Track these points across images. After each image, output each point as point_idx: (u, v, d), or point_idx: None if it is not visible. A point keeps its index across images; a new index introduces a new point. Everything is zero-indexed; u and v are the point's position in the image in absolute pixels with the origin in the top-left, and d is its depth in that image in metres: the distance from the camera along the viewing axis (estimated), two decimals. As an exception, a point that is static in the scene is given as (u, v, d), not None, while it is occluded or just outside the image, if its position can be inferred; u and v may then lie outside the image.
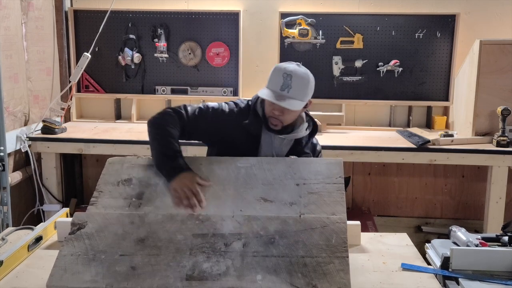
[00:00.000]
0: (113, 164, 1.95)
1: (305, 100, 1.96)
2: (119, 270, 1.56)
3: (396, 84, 3.83)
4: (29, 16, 3.43)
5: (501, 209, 3.22)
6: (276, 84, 1.92)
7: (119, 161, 1.96)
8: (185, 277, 1.53)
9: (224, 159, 1.91)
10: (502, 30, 3.72)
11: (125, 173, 1.90)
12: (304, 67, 1.98)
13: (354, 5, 3.82)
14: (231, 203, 1.75)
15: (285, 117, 1.96)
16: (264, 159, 1.92)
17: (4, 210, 2.97)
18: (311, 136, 2.13)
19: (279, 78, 1.91)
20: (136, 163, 1.94)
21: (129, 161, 1.95)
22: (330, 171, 1.84)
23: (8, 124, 3.13)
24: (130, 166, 1.93)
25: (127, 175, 1.89)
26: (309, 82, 1.95)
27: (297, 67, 1.95)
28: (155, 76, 3.95)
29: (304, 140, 2.10)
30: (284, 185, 1.80)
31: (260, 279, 1.51)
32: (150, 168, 1.89)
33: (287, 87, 1.90)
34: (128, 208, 1.75)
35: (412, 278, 1.69)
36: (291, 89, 1.90)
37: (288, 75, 1.91)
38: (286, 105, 1.89)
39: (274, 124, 1.98)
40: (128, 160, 1.96)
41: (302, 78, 1.93)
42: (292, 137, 2.05)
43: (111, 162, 1.96)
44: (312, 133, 2.12)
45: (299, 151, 2.06)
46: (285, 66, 1.94)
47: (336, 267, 1.53)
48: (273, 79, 1.94)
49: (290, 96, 1.90)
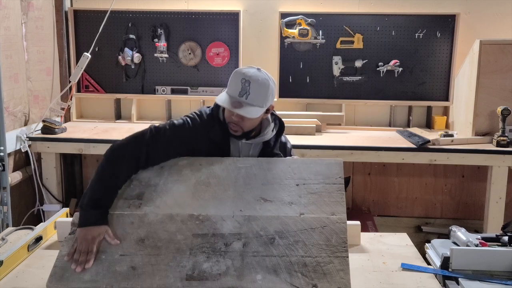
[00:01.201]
0: None
1: (265, 106, 1.88)
2: (119, 270, 1.56)
3: (396, 84, 3.83)
4: (29, 16, 3.43)
5: (501, 209, 3.22)
6: (234, 90, 1.85)
7: None
8: (185, 277, 1.53)
9: (224, 160, 1.91)
10: (502, 30, 3.72)
11: None
12: (265, 71, 1.91)
13: (354, 5, 3.82)
14: (231, 203, 1.75)
15: (244, 123, 1.89)
16: (264, 159, 1.92)
17: (4, 210, 2.97)
18: (278, 135, 2.06)
19: (238, 84, 1.84)
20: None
21: None
22: (330, 172, 1.83)
23: (8, 124, 3.13)
24: None
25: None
26: (268, 88, 1.87)
27: (257, 72, 1.88)
28: (155, 76, 3.95)
29: (272, 141, 2.03)
30: (284, 185, 1.80)
31: (260, 279, 1.52)
32: (150, 169, 1.89)
33: (245, 93, 1.83)
34: (128, 209, 1.75)
35: (412, 278, 1.69)
36: (249, 95, 1.83)
37: (246, 81, 1.84)
38: (242, 113, 1.83)
39: (234, 130, 1.91)
40: None
41: (262, 84, 1.85)
42: (258, 141, 1.99)
43: None
44: (279, 132, 2.05)
45: (269, 153, 2.01)
46: (244, 71, 1.87)
47: (336, 267, 1.54)
48: (232, 84, 1.87)
49: (248, 103, 1.83)
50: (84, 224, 1.69)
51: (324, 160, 1.91)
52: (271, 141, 2.02)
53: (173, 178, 1.84)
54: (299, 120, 3.57)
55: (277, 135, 2.04)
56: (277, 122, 2.04)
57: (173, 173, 1.86)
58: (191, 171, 1.86)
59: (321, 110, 3.81)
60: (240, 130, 1.91)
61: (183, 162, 1.90)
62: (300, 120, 3.58)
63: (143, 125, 4.18)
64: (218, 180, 1.83)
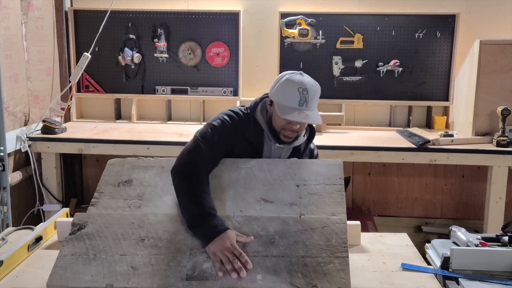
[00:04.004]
0: (113, 165, 1.96)
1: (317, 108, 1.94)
2: (119, 270, 1.56)
3: (396, 84, 3.83)
4: (29, 16, 3.43)
5: (501, 209, 3.22)
6: (293, 100, 1.85)
7: (120, 162, 1.96)
8: (185, 277, 1.53)
9: (225, 160, 1.91)
10: (502, 30, 3.72)
11: (126, 174, 1.91)
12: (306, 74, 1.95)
13: (354, 5, 3.82)
14: (231, 204, 1.75)
15: (301, 130, 1.93)
16: (264, 161, 1.92)
17: (4, 210, 2.97)
18: (309, 141, 2.08)
19: (295, 93, 1.85)
20: (136, 165, 1.95)
21: (130, 162, 1.96)
22: (330, 172, 1.84)
23: (8, 124, 3.13)
24: (131, 167, 1.94)
25: (128, 176, 1.90)
26: (319, 91, 1.93)
27: (307, 78, 1.91)
28: (155, 76, 3.95)
29: (302, 147, 2.05)
30: (284, 186, 1.80)
31: (260, 279, 1.52)
32: (150, 170, 1.90)
33: (305, 101, 1.85)
34: (128, 209, 1.76)
35: (412, 278, 1.69)
36: (308, 102, 1.86)
37: (304, 90, 1.86)
38: (312, 121, 1.88)
39: (289, 137, 1.92)
40: (128, 162, 1.96)
41: (315, 90, 1.90)
42: (291, 146, 2.00)
43: (111, 163, 1.97)
44: (310, 138, 2.08)
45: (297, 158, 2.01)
46: (297, 79, 1.88)
47: (336, 267, 1.54)
48: (288, 94, 1.87)
49: (309, 109, 1.87)
50: (211, 238, 1.61)
51: (324, 161, 1.92)
52: (301, 147, 2.03)
53: None
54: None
55: (308, 141, 2.06)
56: (307, 129, 2.05)
57: None
58: None
59: (321, 110, 3.71)
60: (294, 136, 1.93)
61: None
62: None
63: (143, 125, 4.18)
64: (218, 181, 1.83)
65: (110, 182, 1.88)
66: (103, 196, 1.83)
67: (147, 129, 3.69)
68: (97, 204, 1.80)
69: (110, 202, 1.80)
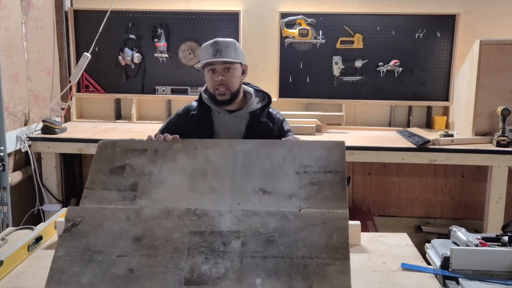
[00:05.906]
0: (105, 148, 1.86)
1: (239, 60, 2.06)
2: (117, 272, 1.53)
3: (396, 84, 3.83)
4: (29, 16, 3.43)
5: (501, 209, 3.22)
6: (207, 54, 2.03)
7: (111, 144, 1.87)
8: (184, 281, 1.50)
9: (220, 143, 1.87)
10: (502, 30, 3.72)
11: (118, 159, 1.83)
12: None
13: (354, 5, 3.82)
14: (229, 196, 1.70)
15: (229, 81, 2.03)
16: (263, 142, 1.86)
17: (4, 210, 2.97)
18: (265, 107, 2.17)
19: (208, 49, 2.04)
20: (129, 148, 1.86)
21: (121, 144, 1.87)
22: (331, 157, 1.76)
23: (8, 124, 3.13)
24: (123, 151, 1.85)
25: (120, 162, 1.82)
26: (236, 45, 2.07)
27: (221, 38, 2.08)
28: (155, 76, 3.95)
29: (257, 112, 2.14)
30: (284, 174, 1.74)
31: (260, 283, 1.49)
32: (143, 154, 1.84)
33: (218, 51, 2.02)
34: (122, 202, 1.71)
35: (412, 278, 1.69)
36: (222, 51, 2.02)
37: (214, 42, 2.04)
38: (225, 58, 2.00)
39: (222, 93, 2.04)
40: (120, 144, 1.88)
41: (229, 42, 2.05)
42: (242, 113, 2.11)
43: (102, 145, 1.87)
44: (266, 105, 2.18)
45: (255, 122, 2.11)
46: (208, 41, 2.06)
47: (337, 268, 1.51)
48: (203, 53, 2.06)
49: (224, 56, 2.01)
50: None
51: (325, 142, 1.83)
52: (257, 111, 2.13)
53: (168, 166, 1.80)
54: (299, 120, 3.57)
55: (264, 107, 2.16)
56: (265, 98, 2.18)
57: (168, 159, 1.82)
58: (186, 156, 1.82)
59: (321, 110, 3.81)
60: (228, 92, 2.04)
61: (177, 146, 1.86)
62: (300, 120, 3.58)
63: (143, 125, 4.18)
64: (214, 169, 1.78)
65: (102, 169, 1.80)
66: (96, 186, 1.75)
67: (147, 129, 3.68)
68: (90, 196, 1.73)
69: (104, 193, 1.73)
